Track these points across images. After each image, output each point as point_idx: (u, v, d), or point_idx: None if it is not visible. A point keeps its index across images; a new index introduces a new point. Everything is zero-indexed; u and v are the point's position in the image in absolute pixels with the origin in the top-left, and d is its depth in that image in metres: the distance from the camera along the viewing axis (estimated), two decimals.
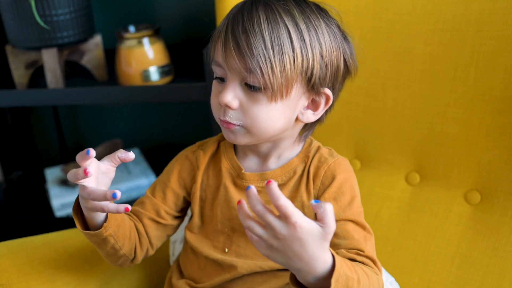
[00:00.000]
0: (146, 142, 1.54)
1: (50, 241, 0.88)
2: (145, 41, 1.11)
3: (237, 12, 0.67)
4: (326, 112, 0.74)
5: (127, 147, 1.53)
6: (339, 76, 0.72)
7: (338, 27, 0.72)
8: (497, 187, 0.86)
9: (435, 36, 0.89)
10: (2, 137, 1.53)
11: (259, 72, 0.64)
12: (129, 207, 0.63)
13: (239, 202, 0.57)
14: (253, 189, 0.56)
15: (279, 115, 0.68)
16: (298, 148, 0.77)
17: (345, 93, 0.97)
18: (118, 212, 0.64)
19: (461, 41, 0.87)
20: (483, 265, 0.84)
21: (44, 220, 1.34)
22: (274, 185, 0.55)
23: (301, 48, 0.66)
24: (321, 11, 0.70)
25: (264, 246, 0.58)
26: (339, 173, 0.73)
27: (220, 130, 1.03)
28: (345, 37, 0.72)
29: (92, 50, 1.19)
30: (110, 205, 0.64)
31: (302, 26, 0.66)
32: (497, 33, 0.84)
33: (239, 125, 0.69)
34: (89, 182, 0.65)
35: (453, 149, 0.89)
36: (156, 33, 1.13)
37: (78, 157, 0.64)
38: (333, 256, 0.58)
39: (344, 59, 0.71)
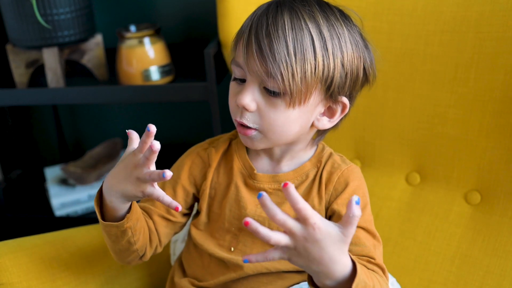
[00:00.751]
0: None
1: (50, 240, 0.88)
2: (146, 40, 1.11)
3: (262, 14, 0.67)
4: (341, 119, 0.74)
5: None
6: (358, 84, 0.72)
7: (361, 35, 0.72)
8: (497, 187, 0.86)
9: (435, 37, 0.89)
10: (2, 136, 1.52)
11: (279, 77, 0.64)
12: (179, 207, 0.63)
13: (246, 223, 0.55)
14: (266, 197, 0.55)
15: (295, 121, 0.68)
16: (310, 152, 0.77)
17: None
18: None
19: (461, 42, 0.87)
20: (483, 265, 0.84)
21: (43, 219, 1.34)
22: (292, 188, 0.55)
23: (323, 56, 0.65)
24: (345, 18, 0.70)
25: (285, 250, 0.57)
26: (352, 180, 0.73)
27: (221, 130, 1.04)
28: (366, 45, 0.72)
29: (93, 50, 1.19)
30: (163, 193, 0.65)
31: (326, 34, 0.66)
32: (497, 35, 0.84)
33: (255, 130, 0.69)
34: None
35: (453, 149, 0.90)
36: (157, 33, 1.13)
37: (143, 137, 0.63)
38: (353, 262, 0.58)
39: (364, 68, 0.71)
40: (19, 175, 1.55)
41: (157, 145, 0.61)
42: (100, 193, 0.70)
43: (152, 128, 0.62)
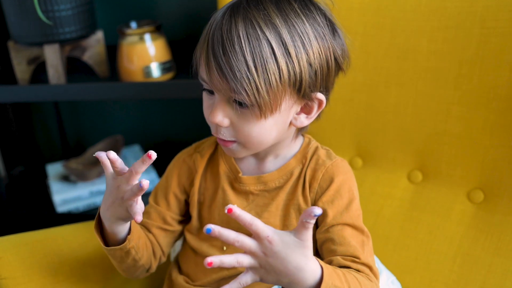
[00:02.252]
0: (147, 138, 1.54)
1: (52, 235, 0.88)
2: (147, 37, 1.11)
3: (217, 27, 0.64)
4: (320, 112, 0.73)
5: (128, 144, 1.53)
6: (331, 76, 0.70)
7: (327, 21, 0.68)
8: (501, 186, 0.85)
9: (439, 33, 0.88)
10: (3, 133, 1.53)
11: (244, 94, 0.62)
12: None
13: (209, 264, 0.55)
14: (215, 230, 0.54)
15: (271, 128, 0.67)
16: (296, 146, 0.76)
17: (347, 91, 0.97)
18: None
19: (466, 38, 0.86)
20: (486, 264, 0.83)
21: (45, 216, 1.34)
22: (236, 211, 0.54)
23: (286, 62, 0.63)
24: (307, 10, 0.66)
25: (254, 271, 0.57)
26: (337, 175, 0.72)
27: None
28: (334, 32, 0.69)
29: (94, 46, 1.18)
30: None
31: (286, 38, 0.63)
32: (503, 30, 0.83)
33: (234, 141, 0.68)
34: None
35: (456, 147, 0.89)
36: (158, 30, 1.13)
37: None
38: (322, 267, 0.58)
39: (335, 57, 0.69)
40: (21, 171, 1.55)
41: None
42: (99, 219, 0.70)
43: (111, 155, 0.61)
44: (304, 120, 0.71)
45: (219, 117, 0.66)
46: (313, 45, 0.65)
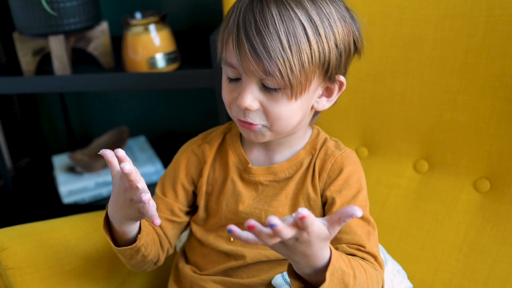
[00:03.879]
0: (152, 129, 1.54)
1: (58, 226, 0.88)
2: (152, 27, 1.11)
3: (247, 9, 0.64)
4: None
5: (133, 135, 1.53)
6: (351, 59, 0.71)
7: (345, 6, 0.70)
8: (508, 175, 0.85)
9: (445, 21, 0.88)
10: (10, 125, 1.53)
11: (278, 74, 0.63)
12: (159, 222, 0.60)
13: (251, 227, 0.51)
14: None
15: (299, 110, 0.68)
16: (305, 138, 0.76)
17: (353, 80, 0.96)
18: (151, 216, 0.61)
19: (472, 26, 0.85)
20: (492, 253, 0.83)
21: (51, 207, 1.35)
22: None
23: (317, 42, 0.64)
24: None
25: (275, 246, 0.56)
26: (346, 165, 0.72)
27: (227, 117, 1.03)
28: (352, 16, 0.71)
29: (99, 37, 1.18)
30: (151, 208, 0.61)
31: (316, 19, 0.64)
32: (509, 18, 0.82)
33: (261, 125, 0.68)
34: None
35: (462, 136, 0.88)
36: (163, 20, 1.12)
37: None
38: (330, 250, 0.58)
39: (355, 40, 0.70)
40: (28, 163, 1.56)
41: (126, 167, 0.58)
42: (107, 219, 0.70)
43: (120, 153, 0.59)
44: (325, 103, 0.72)
45: (248, 100, 0.66)
46: (338, 26, 0.66)
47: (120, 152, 0.59)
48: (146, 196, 0.59)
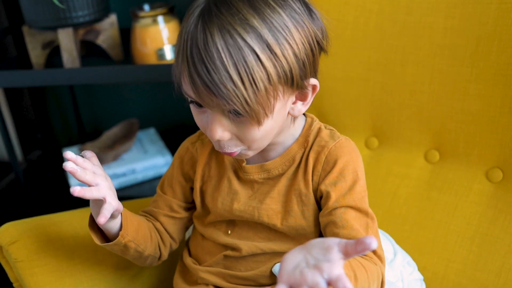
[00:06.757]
0: (162, 121, 1.54)
1: (68, 219, 0.89)
2: (160, 19, 1.10)
3: (193, 44, 0.59)
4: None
5: (143, 127, 1.53)
6: (317, 60, 0.67)
7: (301, 2, 0.64)
8: None
9: (456, 9, 0.86)
10: (20, 118, 1.54)
11: (237, 106, 0.59)
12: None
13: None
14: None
15: (273, 126, 0.65)
16: (297, 129, 0.73)
17: (362, 70, 0.95)
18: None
19: (483, 14, 0.84)
20: (505, 244, 0.82)
21: (62, 199, 1.36)
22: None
23: (274, 64, 0.59)
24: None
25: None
26: (340, 156, 0.70)
27: None
28: (311, 14, 0.65)
29: (107, 30, 1.18)
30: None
31: (269, 39, 0.59)
32: None
33: (239, 149, 0.67)
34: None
35: (474, 126, 0.87)
36: (171, 11, 1.12)
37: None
38: None
39: (317, 41, 0.65)
40: (39, 156, 1.57)
41: (68, 166, 0.65)
42: (92, 217, 0.72)
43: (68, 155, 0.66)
44: (301, 108, 0.68)
45: (219, 133, 0.64)
46: (295, 37, 0.61)
47: (69, 154, 0.65)
48: (77, 189, 0.63)
